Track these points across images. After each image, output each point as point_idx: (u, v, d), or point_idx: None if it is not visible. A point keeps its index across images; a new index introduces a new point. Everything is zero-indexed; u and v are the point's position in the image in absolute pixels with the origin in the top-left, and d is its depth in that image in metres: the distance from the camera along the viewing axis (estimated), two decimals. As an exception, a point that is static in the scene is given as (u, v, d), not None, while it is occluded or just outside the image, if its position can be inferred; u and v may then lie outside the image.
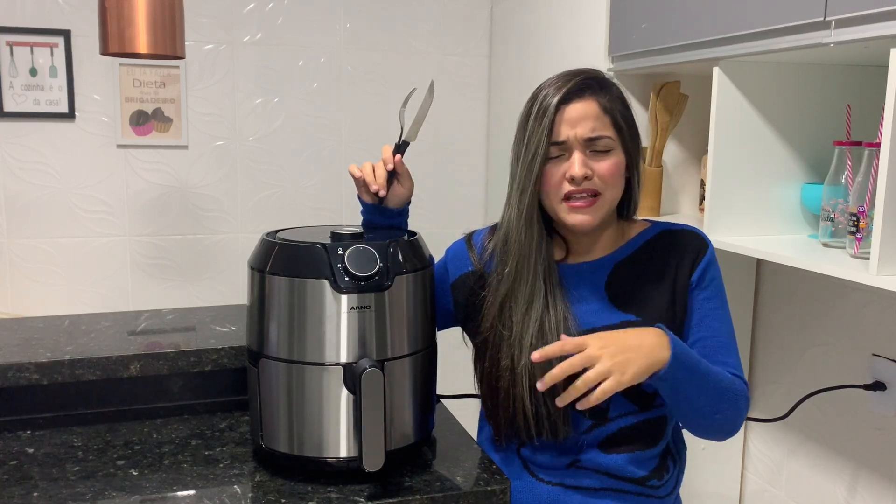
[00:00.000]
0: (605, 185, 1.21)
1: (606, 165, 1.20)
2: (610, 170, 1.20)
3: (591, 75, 1.23)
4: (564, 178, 1.20)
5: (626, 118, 1.23)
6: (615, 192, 1.23)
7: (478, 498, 1.14)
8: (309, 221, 2.69)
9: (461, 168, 2.88)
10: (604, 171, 1.20)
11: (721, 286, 1.27)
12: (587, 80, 1.21)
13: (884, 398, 1.64)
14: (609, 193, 1.22)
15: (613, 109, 1.21)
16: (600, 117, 1.20)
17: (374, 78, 2.75)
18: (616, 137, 1.21)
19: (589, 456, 1.22)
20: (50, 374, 1.33)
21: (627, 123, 1.23)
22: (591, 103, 1.19)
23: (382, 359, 1.14)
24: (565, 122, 1.19)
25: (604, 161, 1.20)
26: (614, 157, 1.21)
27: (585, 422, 1.22)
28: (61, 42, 2.44)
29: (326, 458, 1.15)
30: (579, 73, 1.23)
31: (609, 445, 1.22)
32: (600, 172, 1.20)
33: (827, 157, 1.62)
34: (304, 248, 1.15)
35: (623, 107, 1.23)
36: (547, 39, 2.33)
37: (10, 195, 2.48)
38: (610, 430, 1.22)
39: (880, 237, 1.24)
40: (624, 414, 1.22)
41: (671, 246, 1.27)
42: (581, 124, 1.19)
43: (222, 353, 1.41)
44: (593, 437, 1.22)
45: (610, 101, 1.21)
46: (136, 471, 1.19)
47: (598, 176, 1.20)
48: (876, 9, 1.24)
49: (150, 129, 2.56)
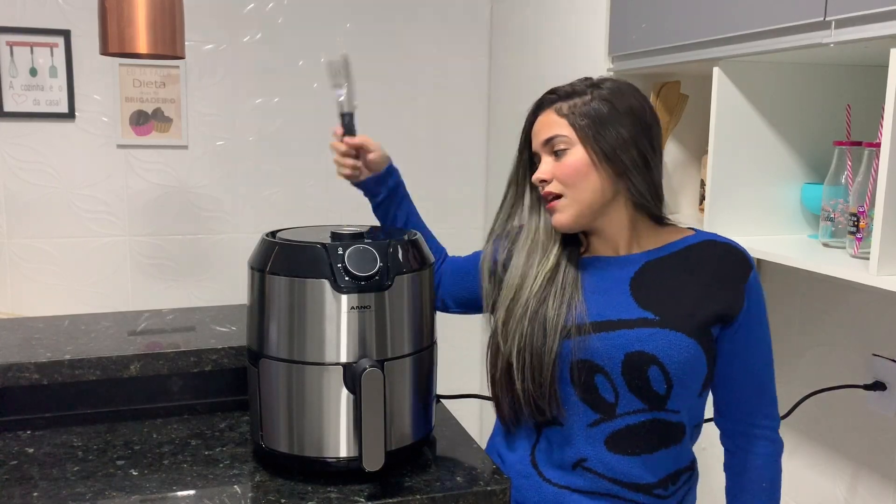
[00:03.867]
0: (564, 186, 1.22)
1: (562, 165, 1.22)
2: (563, 169, 1.22)
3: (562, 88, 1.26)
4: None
5: (595, 114, 1.20)
6: (579, 191, 1.22)
7: (478, 498, 1.14)
8: (309, 221, 2.69)
9: (461, 168, 2.88)
10: (559, 172, 1.22)
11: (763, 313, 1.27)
12: (547, 95, 1.26)
13: (884, 398, 1.64)
14: (572, 192, 1.22)
15: (572, 109, 1.22)
16: (555, 121, 1.23)
17: (374, 79, 2.75)
18: (572, 135, 1.21)
19: (595, 454, 1.21)
20: (50, 374, 1.33)
21: (594, 119, 1.20)
22: (547, 113, 1.25)
23: (382, 359, 1.14)
24: (533, 134, 1.27)
25: (560, 161, 1.23)
26: (571, 156, 1.21)
27: (592, 414, 1.22)
28: (61, 42, 2.45)
29: (326, 458, 1.15)
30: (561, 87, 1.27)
31: (615, 443, 1.21)
32: (557, 173, 1.23)
33: (827, 157, 1.62)
34: (304, 248, 1.15)
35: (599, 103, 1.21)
36: (547, 39, 2.33)
37: (10, 195, 2.48)
38: (616, 426, 1.21)
39: (880, 237, 1.24)
40: (632, 411, 1.21)
41: (713, 258, 1.25)
42: (540, 133, 1.25)
43: (222, 353, 1.41)
44: (599, 432, 1.21)
45: (571, 104, 1.22)
46: (136, 471, 1.19)
47: (556, 177, 1.23)
48: (876, 9, 1.24)
49: (150, 129, 2.56)
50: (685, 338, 1.18)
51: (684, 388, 1.19)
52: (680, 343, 1.18)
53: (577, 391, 1.22)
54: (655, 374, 1.18)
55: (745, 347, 1.25)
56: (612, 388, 1.20)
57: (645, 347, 1.18)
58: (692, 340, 1.18)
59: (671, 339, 1.18)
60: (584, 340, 1.20)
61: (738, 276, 1.23)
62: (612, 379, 1.19)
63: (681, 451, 1.25)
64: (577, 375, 1.21)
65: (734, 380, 1.27)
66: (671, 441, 1.22)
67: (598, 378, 1.20)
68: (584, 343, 1.20)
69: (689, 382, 1.20)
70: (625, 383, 1.19)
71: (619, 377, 1.19)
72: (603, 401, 1.21)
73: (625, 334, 1.19)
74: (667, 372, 1.18)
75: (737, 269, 1.24)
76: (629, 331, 1.19)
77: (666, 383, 1.18)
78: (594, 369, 1.20)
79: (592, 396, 1.21)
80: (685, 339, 1.18)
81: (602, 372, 1.20)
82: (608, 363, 1.19)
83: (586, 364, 1.20)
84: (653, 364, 1.18)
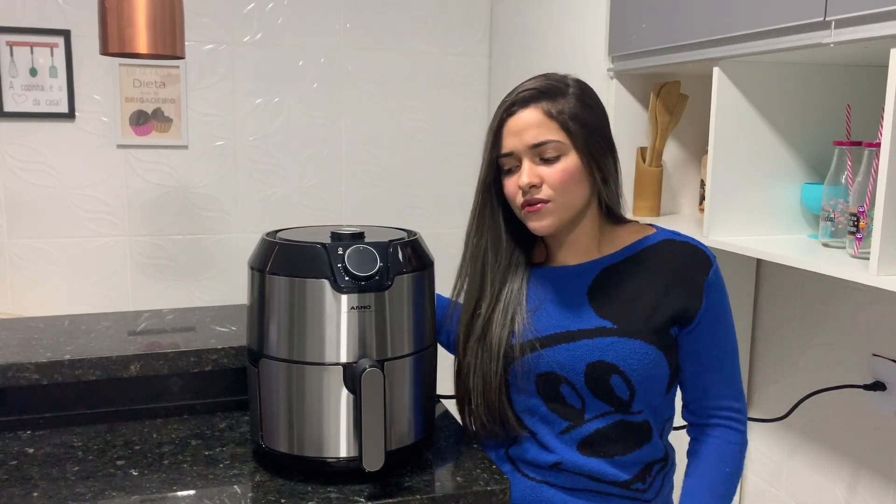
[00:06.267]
0: (555, 192, 1.19)
1: (554, 171, 1.18)
2: (557, 176, 1.18)
3: (538, 84, 1.21)
4: (519, 189, 1.20)
5: (583, 119, 1.19)
6: (569, 197, 1.20)
7: (478, 498, 1.14)
8: (309, 221, 2.69)
9: (461, 168, 2.88)
10: (552, 178, 1.18)
11: (725, 308, 1.25)
12: (531, 91, 1.20)
13: (884, 398, 1.64)
14: (560, 198, 1.19)
15: (562, 112, 1.18)
16: (545, 123, 1.18)
17: (374, 78, 2.75)
18: (567, 140, 1.18)
19: (570, 458, 1.22)
20: (50, 374, 1.32)
21: (583, 124, 1.19)
22: (533, 111, 1.19)
23: (382, 359, 1.14)
24: (511, 134, 1.20)
25: (552, 167, 1.18)
26: (564, 162, 1.18)
27: (562, 423, 1.23)
28: (61, 42, 2.45)
29: (326, 458, 1.15)
30: (527, 83, 1.22)
31: (586, 447, 1.21)
32: (549, 179, 1.18)
33: (827, 157, 1.62)
34: (304, 248, 1.15)
35: (581, 107, 1.19)
36: (547, 39, 2.33)
37: (10, 195, 2.48)
38: (586, 431, 1.21)
39: (880, 237, 1.24)
40: (599, 415, 1.22)
41: (671, 258, 1.23)
42: (525, 133, 1.19)
43: (222, 353, 1.41)
44: (570, 438, 1.22)
45: (558, 105, 1.18)
46: (136, 471, 1.19)
47: (547, 183, 1.19)
48: (876, 9, 1.24)
49: (150, 129, 2.56)
50: (643, 345, 1.18)
51: (648, 391, 1.21)
52: (638, 350, 1.18)
53: (545, 402, 1.23)
54: (618, 382, 1.19)
55: (706, 345, 1.24)
56: (578, 396, 1.22)
57: (605, 357, 1.18)
58: (651, 347, 1.19)
59: (630, 347, 1.18)
60: (538, 356, 1.21)
61: (696, 274, 1.21)
62: (577, 388, 1.21)
63: (652, 446, 1.25)
64: (542, 388, 1.23)
65: (698, 377, 1.26)
66: (642, 440, 1.24)
67: (564, 388, 1.22)
68: (539, 358, 1.22)
69: (652, 386, 1.21)
70: (589, 391, 1.21)
71: (584, 387, 1.20)
72: (571, 408, 1.22)
73: (585, 345, 1.20)
74: (628, 379, 1.18)
75: (695, 268, 1.22)
76: (590, 341, 1.20)
77: (629, 389, 1.19)
78: (559, 380, 1.21)
79: (560, 405, 1.23)
80: (643, 346, 1.18)
81: (567, 382, 1.21)
82: (571, 374, 1.20)
83: (551, 376, 1.21)
84: (614, 373, 1.18)
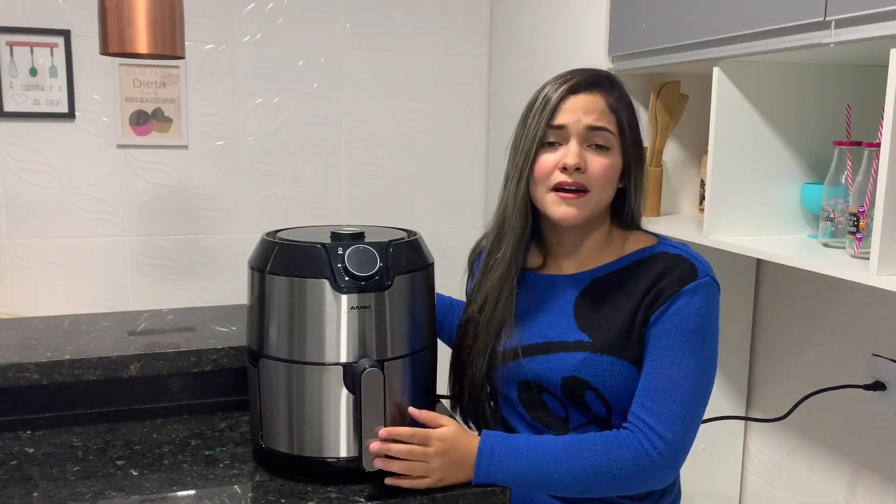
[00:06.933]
0: (595, 184, 1.16)
1: (601, 163, 1.16)
2: (604, 168, 1.16)
3: (602, 73, 1.21)
4: (556, 167, 1.17)
5: (631, 124, 1.20)
6: (604, 195, 1.19)
7: (478, 498, 1.14)
8: (309, 221, 2.69)
9: (461, 168, 2.88)
10: (597, 169, 1.16)
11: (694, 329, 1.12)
12: (598, 77, 1.19)
13: (884, 398, 1.64)
14: (597, 193, 1.17)
15: (620, 110, 1.18)
16: (606, 112, 1.17)
17: (374, 78, 2.75)
18: (617, 137, 1.18)
19: None
20: (50, 374, 1.32)
21: (631, 129, 1.20)
22: (598, 98, 1.17)
23: (382, 359, 1.14)
24: (569, 109, 1.16)
25: (600, 158, 1.16)
26: (611, 158, 1.18)
27: (547, 431, 1.23)
28: (61, 42, 2.44)
29: (326, 458, 1.15)
30: (590, 69, 1.21)
31: None
32: (593, 169, 1.16)
33: (827, 157, 1.62)
34: (304, 247, 1.15)
35: (630, 112, 1.20)
36: (547, 39, 2.33)
37: (10, 195, 2.48)
38: None
39: (880, 237, 1.24)
40: (582, 424, 1.21)
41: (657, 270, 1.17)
42: (586, 113, 1.16)
43: (222, 353, 1.41)
44: None
45: (618, 101, 1.18)
46: (136, 471, 1.19)
47: (590, 171, 1.16)
48: (876, 9, 1.24)
49: (150, 129, 2.56)
50: (616, 361, 1.16)
51: (623, 406, 1.18)
52: (612, 368, 1.16)
53: (529, 410, 1.24)
54: (592, 398, 1.18)
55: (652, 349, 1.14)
56: (561, 405, 1.22)
57: (579, 373, 1.17)
58: (624, 363, 1.17)
59: (603, 364, 1.16)
60: (518, 365, 1.21)
61: (674, 282, 1.15)
62: (558, 398, 1.21)
63: None
64: (523, 396, 1.23)
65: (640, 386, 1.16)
66: None
67: (546, 397, 1.22)
68: (519, 367, 1.22)
69: (628, 401, 1.17)
70: (569, 402, 1.21)
71: (563, 397, 1.20)
72: (555, 416, 1.22)
73: (561, 358, 1.19)
74: (602, 396, 1.18)
75: (674, 280, 1.15)
76: (566, 354, 1.19)
77: (604, 406, 1.19)
78: (540, 389, 1.22)
79: (543, 414, 1.23)
80: (617, 363, 1.16)
81: (547, 391, 1.21)
82: (549, 385, 1.21)
83: (533, 384, 1.22)
84: (588, 389, 1.17)
